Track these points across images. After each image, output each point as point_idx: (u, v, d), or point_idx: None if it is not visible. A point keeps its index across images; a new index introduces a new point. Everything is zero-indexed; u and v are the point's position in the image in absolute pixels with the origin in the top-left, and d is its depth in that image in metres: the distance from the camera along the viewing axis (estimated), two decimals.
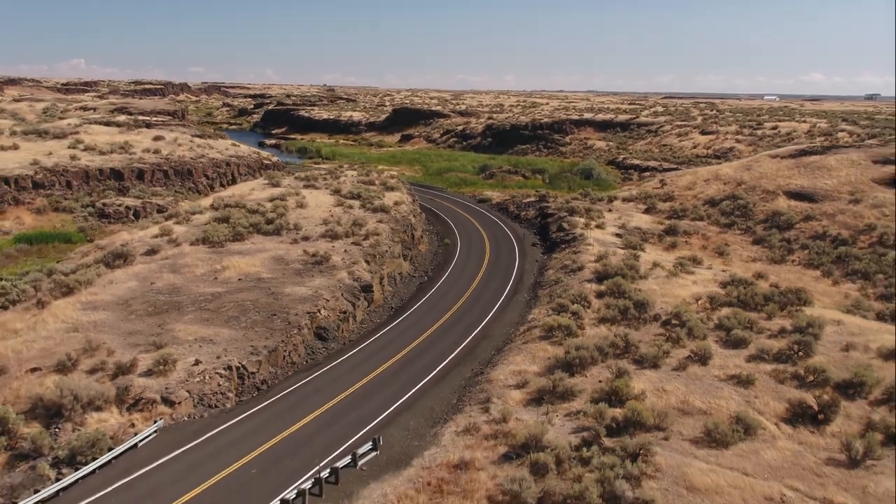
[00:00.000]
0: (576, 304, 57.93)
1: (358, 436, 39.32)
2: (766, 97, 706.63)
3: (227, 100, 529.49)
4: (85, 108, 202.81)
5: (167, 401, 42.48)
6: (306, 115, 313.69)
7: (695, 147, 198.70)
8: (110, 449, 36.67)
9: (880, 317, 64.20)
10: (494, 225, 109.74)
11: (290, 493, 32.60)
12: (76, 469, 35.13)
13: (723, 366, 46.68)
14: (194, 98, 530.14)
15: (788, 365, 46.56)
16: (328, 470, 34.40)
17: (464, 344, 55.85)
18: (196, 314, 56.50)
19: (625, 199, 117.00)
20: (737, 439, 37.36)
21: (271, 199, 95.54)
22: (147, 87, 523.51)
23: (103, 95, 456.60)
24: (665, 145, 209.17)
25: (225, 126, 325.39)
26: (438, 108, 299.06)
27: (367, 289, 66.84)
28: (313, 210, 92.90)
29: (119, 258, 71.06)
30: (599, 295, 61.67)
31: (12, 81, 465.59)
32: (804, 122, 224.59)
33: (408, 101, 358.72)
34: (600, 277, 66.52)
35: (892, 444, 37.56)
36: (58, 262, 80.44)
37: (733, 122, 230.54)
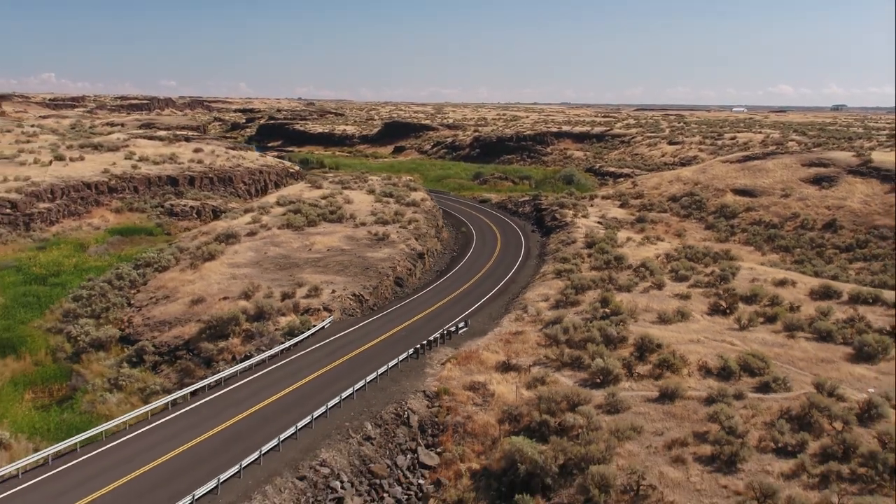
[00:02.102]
0: (574, 259, 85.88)
1: (451, 323, 66.30)
2: (734, 108, 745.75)
3: (212, 114, 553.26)
4: (112, 125, 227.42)
5: (327, 309, 69.36)
6: (301, 128, 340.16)
7: (663, 156, 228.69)
8: (312, 326, 63.46)
9: (788, 270, 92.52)
10: (498, 218, 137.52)
11: (429, 338, 59.72)
12: (294, 333, 61.78)
13: (672, 289, 74.55)
14: (180, 113, 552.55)
15: (713, 289, 74.55)
16: (445, 331, 61.64)
17: (499, 285, 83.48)
18: (312, 268, 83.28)
19: (603, 198, 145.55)
20: (676, 321, 64.93)
21: (323, 197, 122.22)
22: (133, 101, 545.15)
23: (92, 111, 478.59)
24: (637, 154, 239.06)
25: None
26: (427, 121, 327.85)
27: (420, 256, 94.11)
28: (359, 205, 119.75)
29: (231, 237, 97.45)
30: (589, 255, 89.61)
31: (2, 97, 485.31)
32: (760, 132, 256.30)
33: (395, 115, 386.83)
34: (589, 245, 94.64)
35: (770, 323, 65.33)
36: (170, 244, 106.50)
37: (697, 133, 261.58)
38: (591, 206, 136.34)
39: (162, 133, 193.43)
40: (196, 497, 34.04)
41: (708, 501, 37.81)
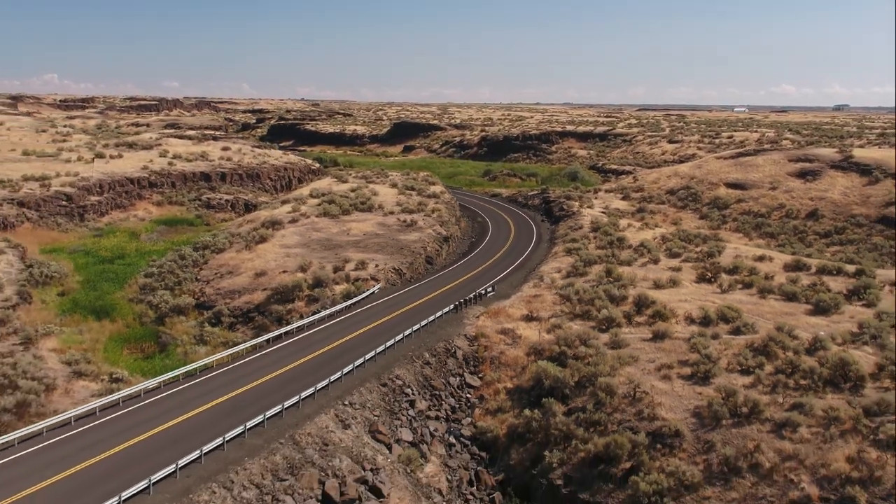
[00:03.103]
0: (581, 241, 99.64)
1: (480, 288, 79.81)
2: (735, 108, 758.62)
3: (219, 115, 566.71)
4: (137, 125, 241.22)
5: (374, 278, 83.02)
6: (312, 128, 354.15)
7: (663, 154, 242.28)
8: (365, 291, 77.09)
9: (768, 249, 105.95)
10: (510, 210, 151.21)
11: (464, 298, 73.26)
12: (350, 297, 75.36)
13: (666, 264, 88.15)
14: (188, 113, 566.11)
15: (701, 263, 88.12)
16: (476, 294, 75.29)
17: (517, 262, 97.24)
18: (354, 248, 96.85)
19: (606, 191, 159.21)
20: (668, 286, 78.45)
21: (352, 190, 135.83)
22: (142, 102, 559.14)
23: (103, 111, 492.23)
24: (638, 153, 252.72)
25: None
26: (435, 121, 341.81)
27: (446, 239, 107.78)
28: (384, 197, 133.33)
29: (276, 224, 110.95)
30: (595, 237, 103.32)
31: (15, 98, 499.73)
32: (756, 132, 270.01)
33: (403, 115, 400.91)
34: (594, 229, 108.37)
35: (746, 288, 78.78)
36: (222, 230, 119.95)
37: (696, 132, 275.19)
38: (596, 198, 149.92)
39: (191, 133, 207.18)
40: (318, 388, 47.68)
41: (686, 402, 51.40)
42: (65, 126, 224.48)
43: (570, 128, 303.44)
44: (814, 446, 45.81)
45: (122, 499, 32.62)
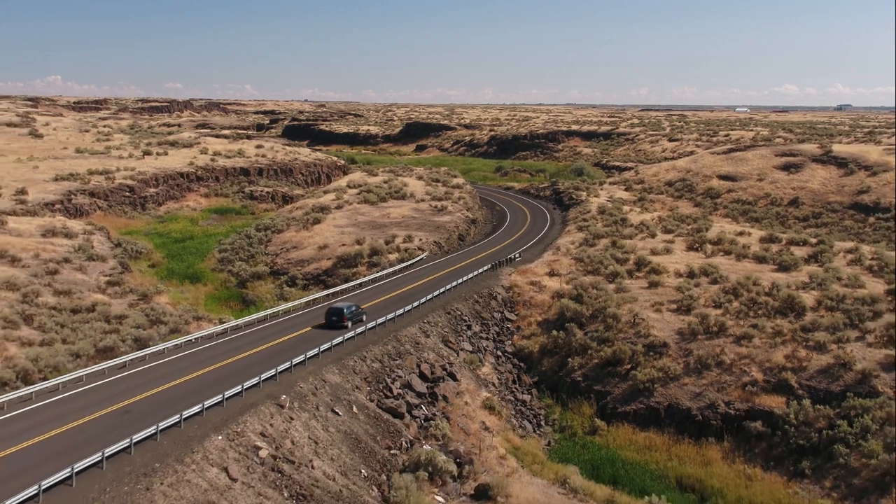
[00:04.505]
0: (590, 221, 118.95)
1: (510, 255, 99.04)
2: (737, 109, 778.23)
3: (229, 116, 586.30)
4: (168, 125, 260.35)
5: (420, 249, 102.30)
6: (326, 129, 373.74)
7: (663, 151, 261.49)
8: (415, 257, 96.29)
9: (748, 227, 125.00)
10: (524, 200, 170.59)
11: (497, 261, 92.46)
12: (404, 262, 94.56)
13: (662, 238, 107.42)
14: (199, 115, 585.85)
15: (692, 237, 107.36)
16: (506, 258, 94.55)
17: (536, 238, 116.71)
18: (397, 227, 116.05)
19: (611, 183, 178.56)
20: (663, 253, 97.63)
21: (385, 182, 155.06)
22: (153, 104, 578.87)
23: (116, 113, 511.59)
24: (640, 150, 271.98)
25: None
26: (445, 121, 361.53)
27: (473, 221, 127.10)
28: (414, 188, 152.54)
29: (324, 209, 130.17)
30: (601, 218, 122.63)
31: (32, 100, 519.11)
32: (752, 130, 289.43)
33: (413, 116, 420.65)
34: (601, 213, 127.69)
35: (726, 254, 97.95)
36: (274, 216, 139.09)
37: (696, 131, 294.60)
38: (601, 189, 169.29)
39: (226, 132, 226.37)
40: (406, 309, 67.03)
41: (672, 325, 70.61)
42: (104, 126, 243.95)
43: (575, 127, 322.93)
44: (762, 350, 65.01)
45: (308, 356, 51.89)
